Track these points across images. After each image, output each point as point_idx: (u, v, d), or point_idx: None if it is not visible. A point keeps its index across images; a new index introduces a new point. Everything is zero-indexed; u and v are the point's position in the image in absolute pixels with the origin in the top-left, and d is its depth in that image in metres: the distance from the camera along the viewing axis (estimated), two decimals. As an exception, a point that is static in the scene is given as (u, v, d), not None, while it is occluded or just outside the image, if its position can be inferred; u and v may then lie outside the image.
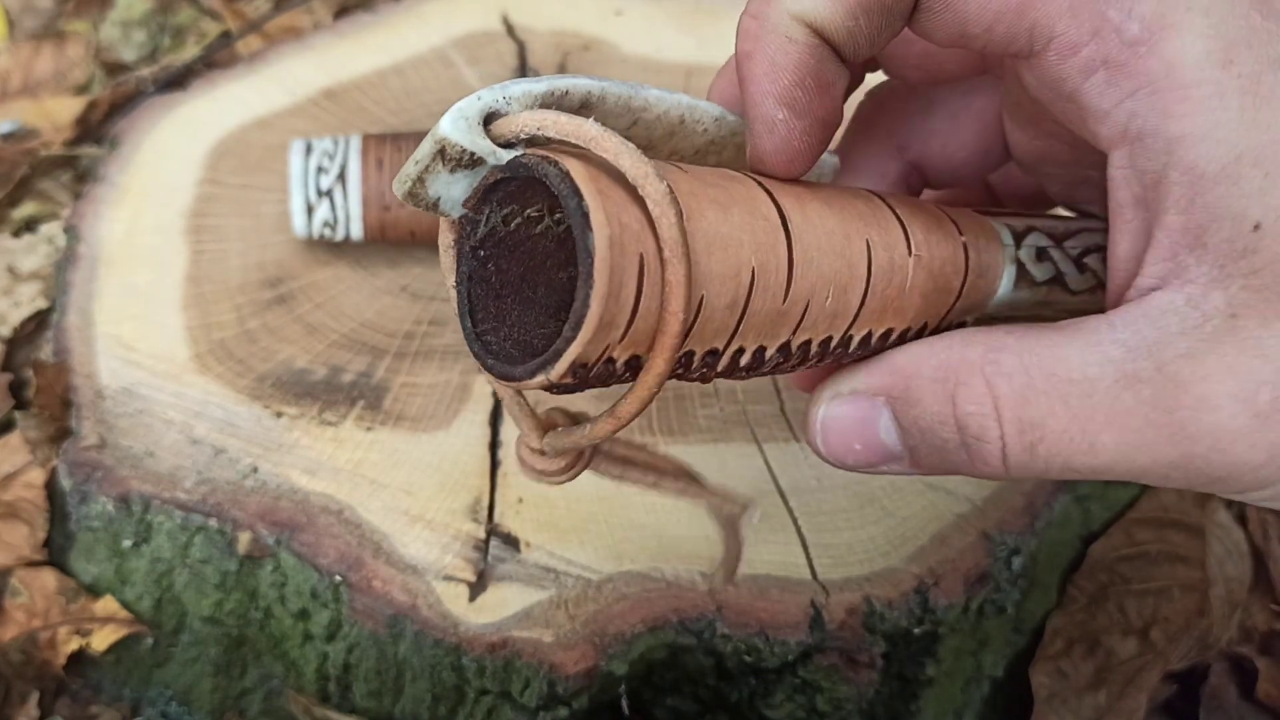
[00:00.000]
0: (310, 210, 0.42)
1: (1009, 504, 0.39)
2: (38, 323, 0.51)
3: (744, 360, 0.25)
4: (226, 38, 0.67)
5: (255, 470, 0.38)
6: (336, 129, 0.50)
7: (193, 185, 0.48)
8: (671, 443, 0.40)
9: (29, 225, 0.57)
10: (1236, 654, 0.44)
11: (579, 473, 0.29)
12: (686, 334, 0.22)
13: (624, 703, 0.36)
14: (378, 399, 0.40)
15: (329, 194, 0.42)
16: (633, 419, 0.23)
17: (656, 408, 0.41)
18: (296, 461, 0.38)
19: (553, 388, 0.22)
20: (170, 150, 0.49)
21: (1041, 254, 0.29)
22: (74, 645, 0.39)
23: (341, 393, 0.40)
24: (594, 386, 0.23)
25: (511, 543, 0.37)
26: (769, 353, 0.25)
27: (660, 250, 0.21)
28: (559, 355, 0.21)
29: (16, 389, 0.48)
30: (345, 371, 0.41)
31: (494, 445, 0.39)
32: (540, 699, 0.35)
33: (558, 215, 0.23)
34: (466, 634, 0.34)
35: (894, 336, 0.27)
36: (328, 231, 0.43)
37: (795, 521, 0.38)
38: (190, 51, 0.67)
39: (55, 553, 0.42)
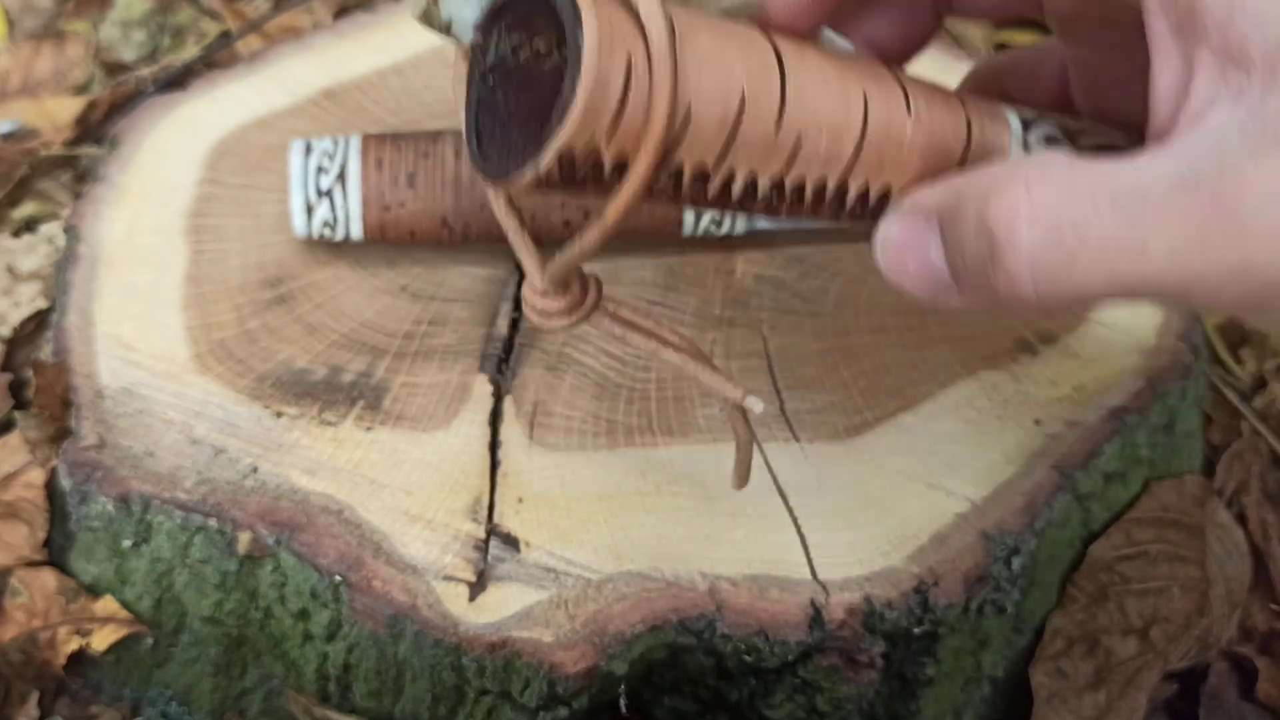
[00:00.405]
0: (310, 210, 0.42)
1: (1009, 503, 0.39)
2: (37, 323, 0.51)
3: (736, 189, 0.26)
4: (226, 38, 0.67)
5: (255, 470, 0.38)
6: (336, 129, 0.50)
7: (193, 185, 0.48)
8: (671, 442, 0.40)
9: (29, 225, 0.57)
10: (1236, 654, 0.44)
11: (581, 319, 0.30)
12: (671, 139, 0.24)
13: (622, 702, 0.36)
14: (377, 399, 0.40)
15: (329, 194, 0.42)
16: (619, 221, 0.24)
17: (656, 408, 0.41)
18: (296, 461, 0.38)
19: (542, 186, 0.23)
20: (170, 150, 0.49)
21: (1051, 140, 0.30)
22: (74, 645, 0.39)
23: (341, 393, 0.40)
24: (584, 192, 0.24)
25: (511, 542, 0.37)
26: (762, 185, 0.26)
27: (649, 53, 0.23)
28: (547, 144, 0.22)
29: (16, 389, 0.48)
30: (345, 371, 0.41)
31: (494, 445, 0.39)
32: (540, 699, 0.35)
33: (565, 50, 0.23)
34: (466, 634, 0.34)
35: (894, 194, 0.28)
36: (327, 231, 0.43)
37: (795, 521, 0.38)
38: (190, 51, 0.67)
39: (55, 553, 0.42)
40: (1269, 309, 0.23)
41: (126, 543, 0.38)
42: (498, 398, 0.41)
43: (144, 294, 0.44)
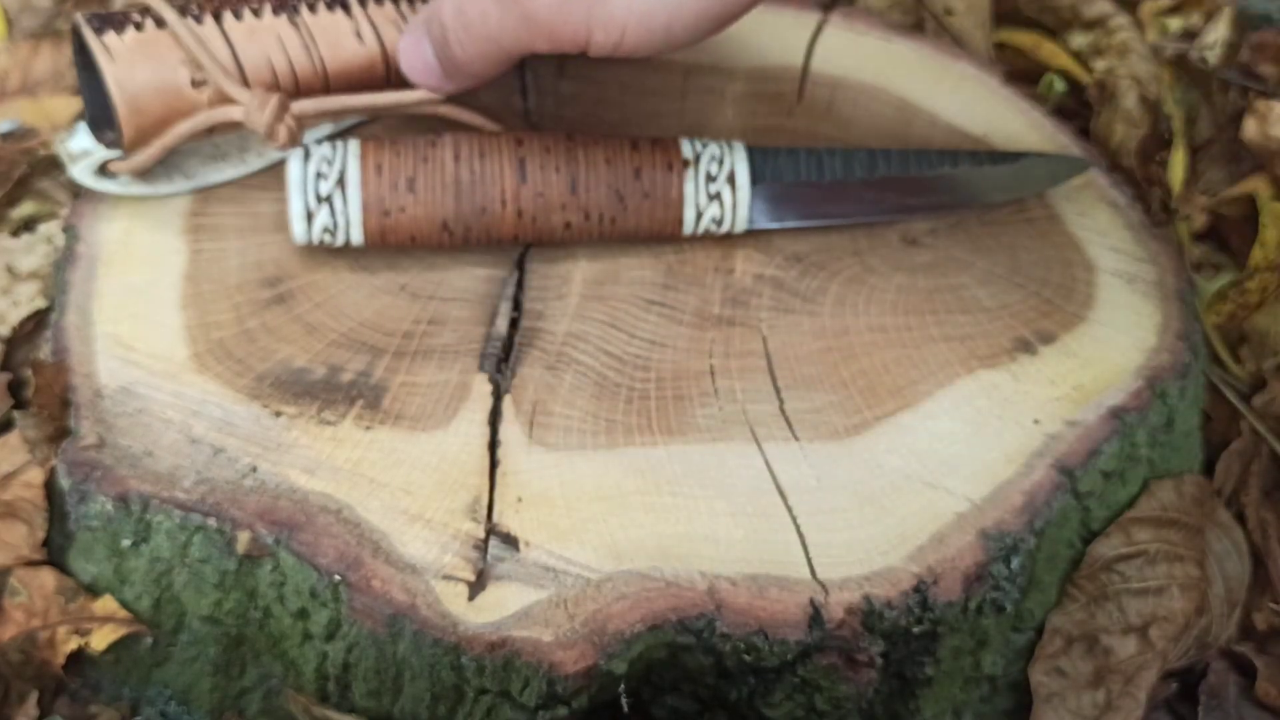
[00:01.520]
0: (310, 217, 0.42)
1: (1008, 503, 0.39)
2: (36, 322, 0.51)
3: None
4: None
5: (254, 469, 0.38)
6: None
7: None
8: (670, 442, 0.40)
9: (28, 225, 0.57)
10: (1236, 653, 0.44)
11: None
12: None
13: (623, 701, 0.36)
14: (377, 398, 0.40)
15: (328, 200, 0.42)
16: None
17: (656, 407, 0.41)
18: (295, 461, 0.38)
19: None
20: (169, 149, 0.49)
21: None
22: (73, 645, 0.39)
23: (340, 392, 0.40)
24: None
25: (510, 542, 0.37)
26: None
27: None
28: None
29: (15, 388, 0.48)
30: (344, 371, 0.41)
31: (493, 445, 0.39)
32: (539, 698, 0.35)
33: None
34: (465, 633, 0.34)
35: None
36: (327, 237, 0.43)
37: (794, 520, 0.38)
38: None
39: (54, 552, 0.42)
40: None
41: (125, 542, 0.38)
42: (497, 397, 0.41)
43: (143, 293, 0.44)
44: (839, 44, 0.56)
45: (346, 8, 0.46)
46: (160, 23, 0.43)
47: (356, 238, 0.43)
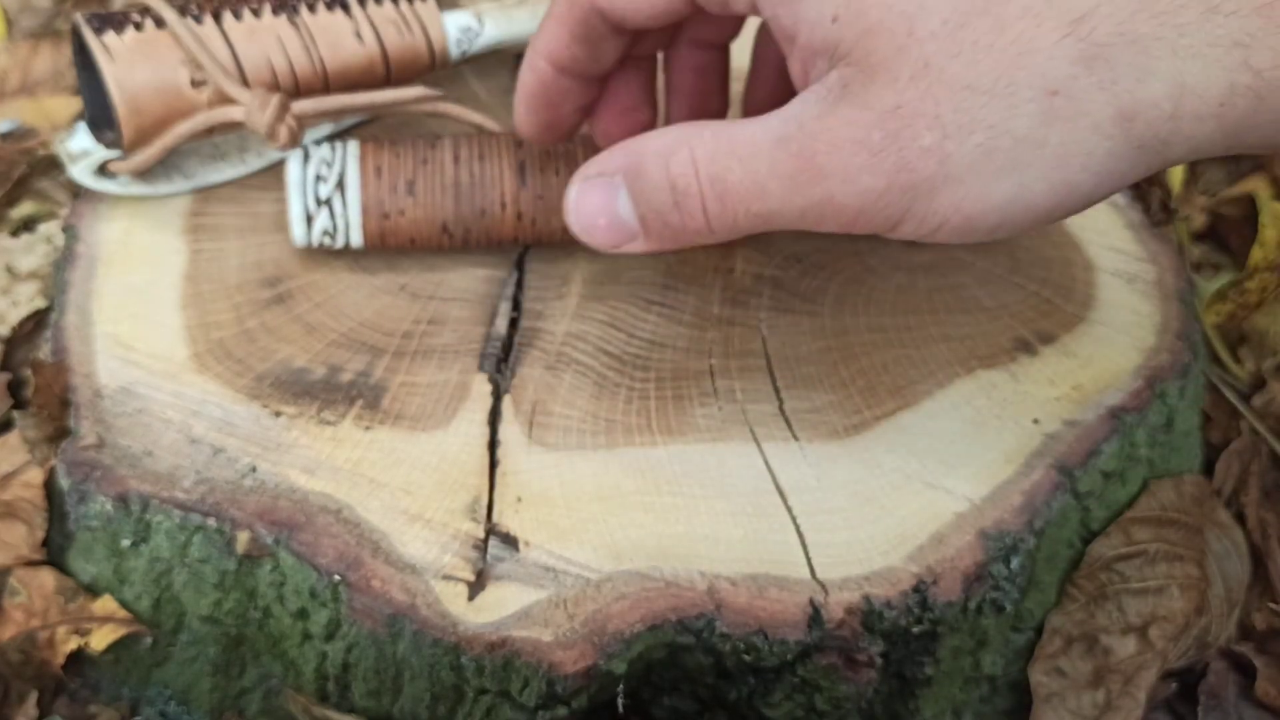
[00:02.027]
0: (310, 219, 0.42)
1: (1008, 503, 0.39)
2: (36, 322, 0.51)
3: None
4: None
5: (254, 469, 0.38)
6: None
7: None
8: (670, 442, 0.40)
9: (27, 224, 0.57)
10: (1235, 653, 0.44)
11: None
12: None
13: (620, 701, 0.36)
14: (376, 398, 0.40)
15: (328, 202, 0.42)
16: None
17: (655, 407, 0.41)
18: (295, 461, 0.38)
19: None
20: (169, 149, 0.49)
21: None
22: (72, 645, 0.39)
23: (340, 392, 0.40)
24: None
25: (510, 542, 0.37)
26: None
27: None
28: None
29: (15, 388, 0.48)
30: (344, 371, 0.41)
31: (493, 444, 0.39)
32: (539, 698, 0.35)
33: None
34: (465, 633, 0.34)
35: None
36: (327, 240, 0.43)
37: (794, 520, 0.38)
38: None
39: (54, 552, 0.42)
40: (860, 228, 0.31)
41: (125, 542, 0.38)
42: (496, 397, 0.41)
43: (142, 293, 0.44)
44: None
45: (346, 8, 0.46)
46: (160, 23, 0.43)
47: (356, 240, 0.43)
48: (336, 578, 0.35)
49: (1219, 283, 0.55)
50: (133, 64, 0.42)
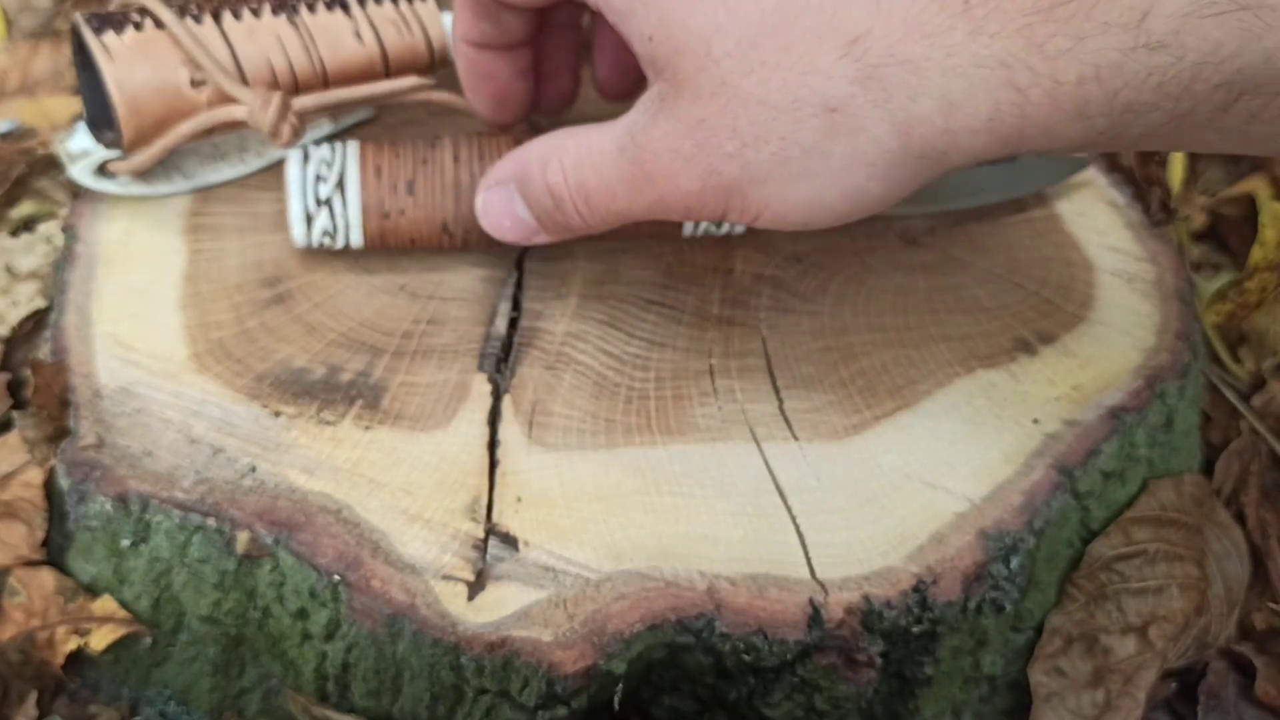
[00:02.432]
0: (310, 219, 0.42)
1: (1007, 502, 0.39)
2: (36, 322, 0.51)
3: None
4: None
5: (253, 469, 0.38)
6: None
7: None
8: (670, 442, 0.40)
9: (27, 224, 0.57)
10: (1235, 652, 0.44)
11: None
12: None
13: (615, 699, 0.36)
14: (376, 398, 0.40)
15: (328, 202, 0.42)
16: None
17: (655, 407, 0.41)
18: (295, 461, 0.38)
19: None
20: (168, 149, 0.49)
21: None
22: (72, 645, 0.39)
23: (340, 392, 0.40)
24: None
25: (510, 542, 0.37)
26: None
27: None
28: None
29: (14, 388, 0.48)
30: (343, 370, 0.41)
31: (492, 444, 0.39)
32: (539, 698, 0.35)
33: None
34: (465, 633, 0.34)
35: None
36: (327, 240, 0.43)
37: (794, 520, 0.38)
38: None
39: (53, 552, 0.42)
40: (689, 218, 0.35)
41: (125, 542, 0.38)
42: (496, 397, 0.41)
43: (142, 293, 0.44)
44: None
45: (346, 8, 0.46)
46: (159, 23, 0.43)
47: (356, 240, 0.43)
48: (336, 578, 0.35)
49: (1219, 283, 0.55)
50: (132, 64, 0.42)
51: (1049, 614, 0.41)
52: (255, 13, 0.44)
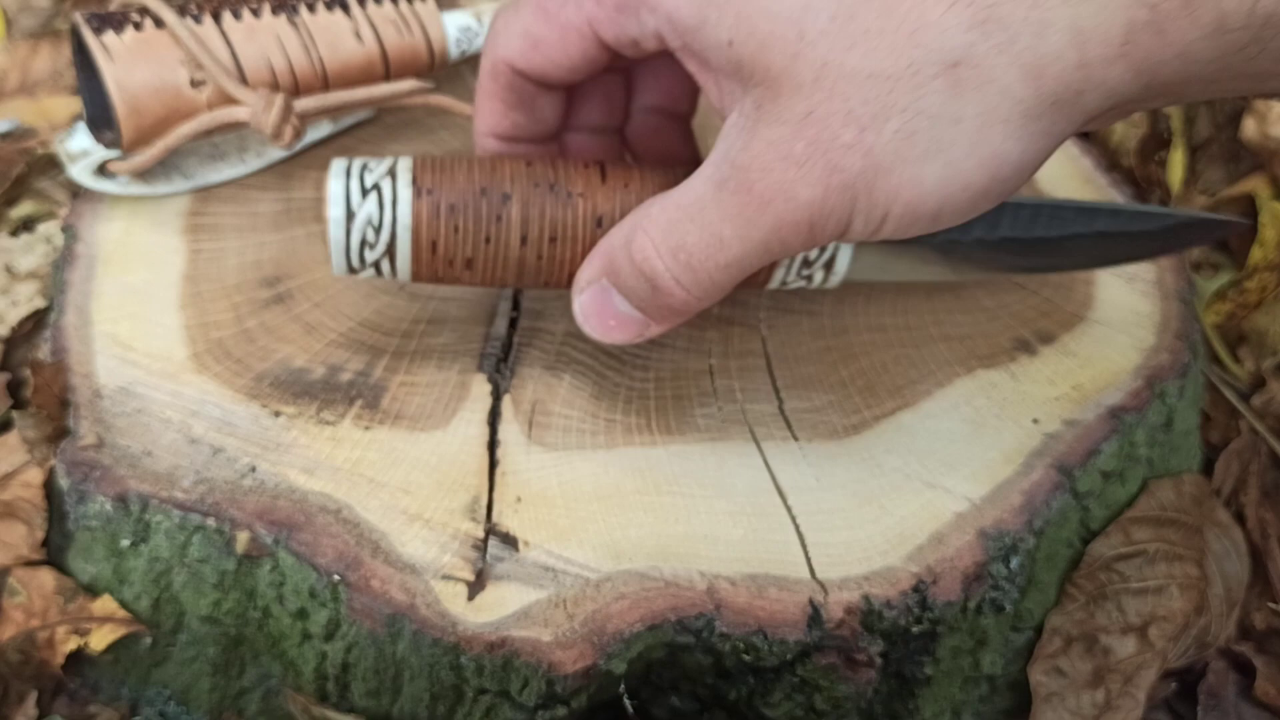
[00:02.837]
0: (353, 270, 0.38)
1: (1007, 502, 0.39)
2: (35, 322, 0.51)
3: None
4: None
5: (253, 469, 0.38)
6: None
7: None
8: (670, 442, 0.40)
9: (27, 224, 0.57)
10: (1235, 652, 0.44)
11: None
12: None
13: (626, 701, 0.36)
14: (376, 398, 0.40)
15: (376, 265, 0.38)
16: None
17: (655, 407, 0.41)
18: (294, 460, 0.38)
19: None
20: (168, 149, 0.49)
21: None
22: (72, 645, 0.39)
23: (339, 392, 0.40)
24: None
25: (510, 542, 0.37)
26: None
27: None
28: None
29: (14, 388, 0.48)
30: (343, 370, 0.41)
31: (492, 444, 0.39)
32: (539, 698, 0.35)
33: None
34: (465, 633, 0.34)
35: None
36: (372, 273, 0.39)
37: (794, 520, 0.38)
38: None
39: (53, 552, 0.42)
40: (820, 241, 0.31)
41: (124, 542, 0.38)
42: (496, 397, 0.41)
43: (142, 293, 0.44)
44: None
45: (346, 8, 0.46)
46: (159, 23, 0.43)
47: (405, 279, 0.39)
48: (336, 577, 0.35)
49: (1219, 283, 0.55)
50: (132, 64, 0.42)
51: (1049, 614, 0.41)
52: (255, 13, 0.44)
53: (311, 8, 0.45)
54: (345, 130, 0.50)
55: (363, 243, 0.37)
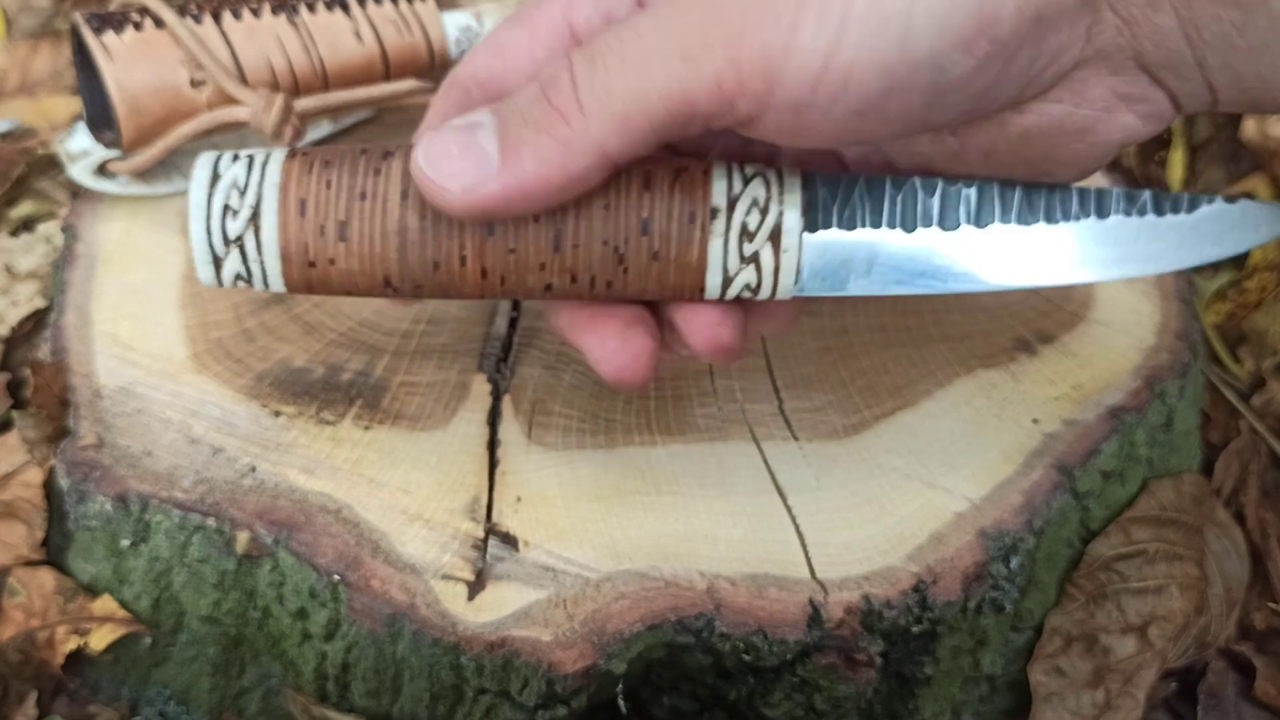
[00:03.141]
0: (217, 262, 0.33)
1: (1007, 502, 0.39)
2: (35, 322, 0.51)
3: None
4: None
5: (253, 469, 0.38)
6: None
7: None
8: (670, 441, 0.40)
9: (27, 224, 0.57)
10: (1235, 652, 0.44)
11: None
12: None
13: (620, 702, 0.36)
14: (376, 398, 0.40)
15: (238, 242, 0.32)
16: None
17: (655, 407, 0.41)
18: (294, 460, 0.38)
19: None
20: (168, 149, 0.49)
21: None
22: (72, 645, 0.39)
23: (339, 391, 0.40)
24: None
25: (510, 542, 0.37)
26: None
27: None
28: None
29: (14, 388, 0.48)
30: (343, 370, 0.41)
31: (492, 444, 0.39)
32: (539, 698, 0.35)
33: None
34: (465, 633, 0.34)
35: None
36: (242, 284, 0.34)
37: (794, 520, 0.38)
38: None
39: (53, 552, 0.42)
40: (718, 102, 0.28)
41: (124, 542, 0.38)
42: (496, 397, 0.41)
43: (142, 293, 0.44)
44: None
45: (346, 7, 0.46)
46: (159, 23, 0.43)
47: (277, 288, 0.33)
48: (336, 577, 0.35)
49: (1219, 282, 0.55)
50: (132, 64, 0.42)
51: (1049, 614, 0.41)
52: (255, 13, 0.44)
53: (311, 8, 0.45)
54: (345, 130, 0.50)
55: (225, 209, 0.32)
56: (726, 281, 0.32)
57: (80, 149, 0.45)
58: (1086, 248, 0.33)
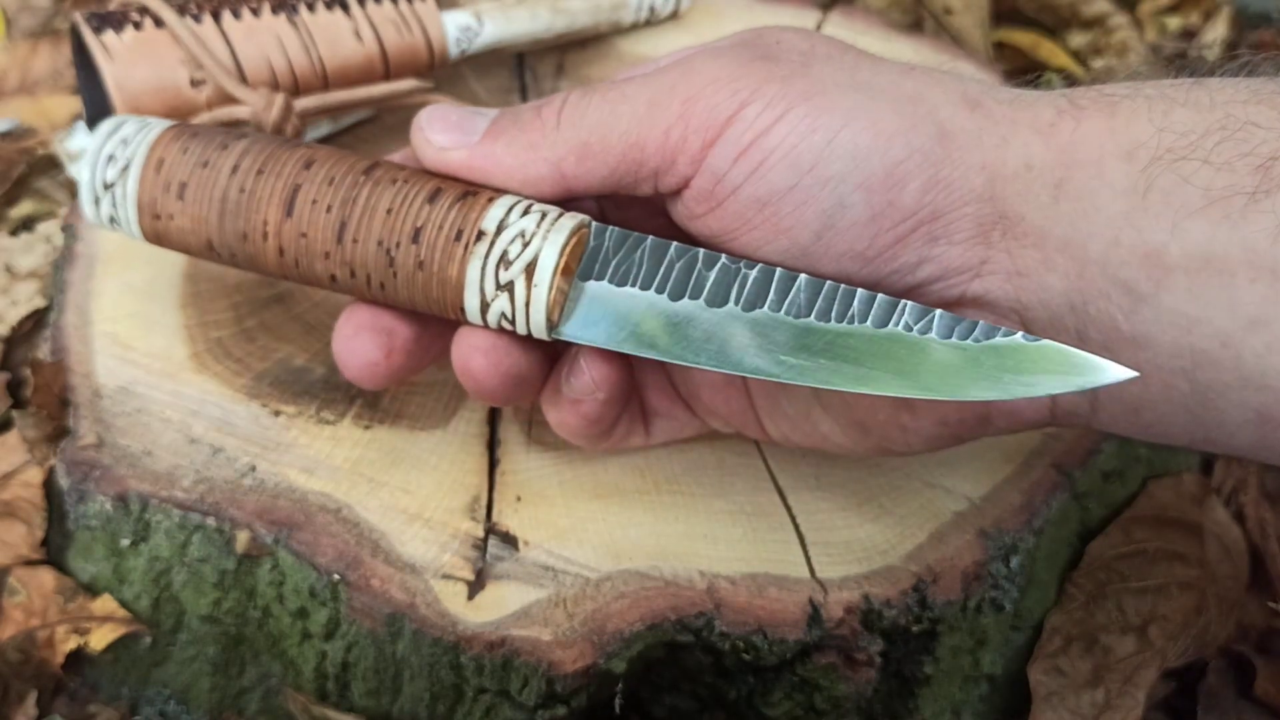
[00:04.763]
0: (97, 201, 0.37)
1: (1007, 502, 0.39)
2: (35, 321, 0.51)
3: None
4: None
5: (253, 469, 0.38)
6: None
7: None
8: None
9: (27, 224, 0.57)
10: (1234, 652, 0.44)
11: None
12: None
13: (616, 701, 0.36)
14: (376, 397, 0.40)
15: (112, 188, 0.37)
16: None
17: (655, 406, 0.41)
18: (294, 460, 0.38)
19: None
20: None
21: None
22: (72, 644, 0.39)
23: (339, 391, 0.40)
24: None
25: (510, 541, 0.37)
26: None
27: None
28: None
29: (14, 388, 0.48)
30: (343, 370, 0.41)
31: (492, 444, 0.39)
32: (539, 697, 0.35)
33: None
34: (465, 632, 0.34)
35: None
36: (113, 226, 0.38)
37: (794, 520, 0.38)
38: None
39: (53, 552, 0.42)
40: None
41: (124, 541, 0.38)
42: (496, 396, 0.41)
43: (142, 292, 0.44)
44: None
45: (345, 7, 0.46)
46: (159, 22, 0.43)
47: (136, 235, 0.38)
48: (336, 577, 0.35)
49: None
50: (132, 64, 0.42)
51: (1049, 613, 0.41)
52: (255, 12, 0.45)
53: (311, 7, 0.45)
54: (345, 129, 0.50)
55: (110, 158, 0.37)
56: (484, 305, 0.33)
57: (80, 148, 0.45)
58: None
